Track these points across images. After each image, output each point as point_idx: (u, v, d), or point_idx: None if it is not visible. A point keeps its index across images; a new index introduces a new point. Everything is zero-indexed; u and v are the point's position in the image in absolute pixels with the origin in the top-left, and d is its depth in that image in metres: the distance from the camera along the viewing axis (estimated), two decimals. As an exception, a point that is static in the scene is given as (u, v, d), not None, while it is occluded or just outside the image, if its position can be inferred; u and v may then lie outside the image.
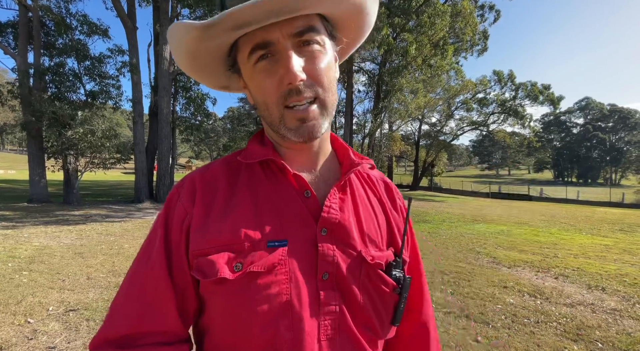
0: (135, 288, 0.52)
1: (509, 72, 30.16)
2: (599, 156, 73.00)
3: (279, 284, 0.48)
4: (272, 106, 0.50)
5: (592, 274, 4.66)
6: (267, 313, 0.47)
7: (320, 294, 0.50)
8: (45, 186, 11.67)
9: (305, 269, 0.50)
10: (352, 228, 0.54)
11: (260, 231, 0.50)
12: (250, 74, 0.51)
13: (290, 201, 0.53)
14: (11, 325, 2.69)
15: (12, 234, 6.07)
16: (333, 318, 0.50)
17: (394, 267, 0.55)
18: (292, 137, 0.50)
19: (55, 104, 10.72)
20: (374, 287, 0.53)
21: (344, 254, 0.52)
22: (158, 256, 0.51)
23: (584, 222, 10.80)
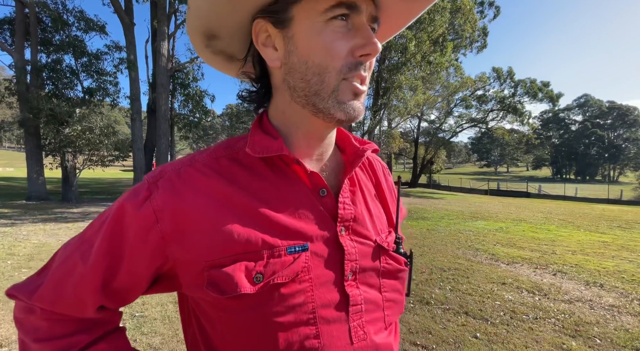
0: (62, 275, 0.47)
1: (508, 69, 30.07)
2: (598, 153, 73.20)
3: (304, 293, 0.44)
4: (332, 72, 0.44)
5: (590, 270, 4.68)
6: (292, 324, 0.43)
7: (348, 295, 0.48)
8: (43, 184, 11.64)
9: (329, 274, 0.47)
10: (365, 220, 0.53)
11: (278, 235, 0.45)
12: (318, 29, 0.43)
13: (305, 201, 0.48)
14: (10, 322, 2.69)
15: (10, 232, 6.05)
16: (360, 316, 0.49)
17: (398, 245, 0.57)
18: (337, 112, 0.45)
19: (52, 101, 10.68)
20: (394, 268, 0.55)
21: (363, 247, 0.51)
22: (98, 261, 0.45)
23: (582, 219, 10.84)
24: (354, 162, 0.53)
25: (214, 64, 0.58)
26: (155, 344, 2.46)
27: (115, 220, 0.46)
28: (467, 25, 19.54)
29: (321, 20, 0.43)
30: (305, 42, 0.44)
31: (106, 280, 0.46)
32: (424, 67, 17.23)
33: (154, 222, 0.43)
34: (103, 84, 12.34)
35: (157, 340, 2.52)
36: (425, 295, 3.53)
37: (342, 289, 0.48)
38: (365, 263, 0.51)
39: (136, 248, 0.45)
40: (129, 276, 0.46)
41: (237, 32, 0.50)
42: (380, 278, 0.53)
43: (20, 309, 0.50)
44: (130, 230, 0.45)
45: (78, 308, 0.47)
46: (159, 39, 12.63)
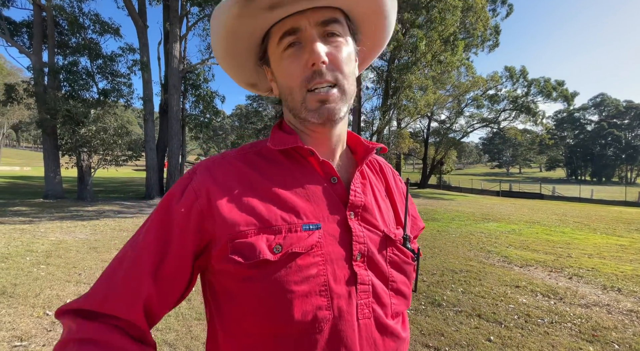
0: (114, 267, 0.50)
1: (521, 67, 29.51)
2: (614, 153, 71.08)
3: (317, 266, 0.50)
4: (296, 89, 0.54)
5: (608, 274, 4.56)
6: (307, 294, 0.48)
7: (356, 274, 0.52)
8: (60, 183, 11.95)
9: (340, 252, 0.52)
10: (374, 210, 0.58)
11: (295, 215, 0.52)
12: (279, 60, 0.55)
13: (319, 186, 0.56)
14: (30, 317, 2.77)
15: (29, 229, 6.24)
16: (368, 296, 0.53)
17: (407, 241, 0.61)
18: (312, 118, 0.54)
19: (69, 102, 10.96)
20: (401, 260, 0.59)
21: (371, 234, 0.56)
22: (148, 245, 0.49)
23: (598, 221, 10.56)
24: (365, 157, 0.61)
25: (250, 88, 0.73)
26: (170, 340, 2.50)
27: (163, 207, 0.53)
28: (479, 24, 19.25)
29: (279, 52, 0.55)
30: (277, 72, 0.57)
31: (156, 263, 0.49)
32: (434, 67, 17.04)
33: (194, 200, 0.51)
34: (117, 85, 12.61)
35: (171, 336, 2.56)
36: (436, 297, 3.49)
37: (351, 268, 0.52)
38: (374, 248, 0.55)
39: (182, 227, 0.50)
40: (176, 259, 0.50)
41: (265, 79, 0.66)
42: (388, 266, 0.57)
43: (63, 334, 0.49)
44: (176, 212, 0.51)
45: (127, 301, 0.47)
46: (171, 41, 12.84)
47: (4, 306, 2.94)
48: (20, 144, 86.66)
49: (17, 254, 4.53)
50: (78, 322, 0.47)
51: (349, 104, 0.56)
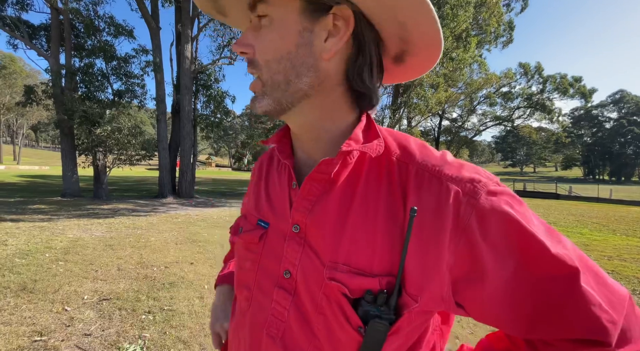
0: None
1: (536, 64, 28.81)
2: (634, 152, 68.67)
3: (252, 261, 0.53)
4: None
5: (629, 277, 4.40)
6: (241, 279, 0.57)
7: (274, 290, 0.50)
8: (77, 182, 12.28)
9: (273, 260, 0.51)
10: (325, 233, 0.44)
11: (260, 209, 0.56)
12: None
13: (281, 189, 0.54)
14: (50, 312, 2.85)
15: (48, 227, 6.43)
16: (280, 320, 0.48)
17: (372, 301, 0.40)
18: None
19: (85, 103, 11.25)
20: (334, 316, 0.42)
21: (308, 261, 0.45)
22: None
23: (617, 222, 10.21)
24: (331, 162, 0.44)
25: None
26: (184, 337, 2.53)
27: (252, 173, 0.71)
28: (492, 20, 18.85)
29: None
30: None
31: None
32: (446, 64, 16.78)
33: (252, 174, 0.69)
34: (131, 86, 12.86)
35: (185, 333, 2.59)
36: (450, 298, 3.43)
37: (276, 282, 0.50)
38: (307, 279, 0.45)
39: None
40: None
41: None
42: (317, 313, 0.44)
43: None
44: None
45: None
46: (183, 42, 13.02)
47: (24, 301, 3.03)
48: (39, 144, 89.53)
49: (37, 251, 4.67)
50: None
51: (274, 97, 0.46)
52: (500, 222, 0.39)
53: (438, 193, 0.42)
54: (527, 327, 0.41)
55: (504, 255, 0.39)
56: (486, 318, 0.42)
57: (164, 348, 2.39)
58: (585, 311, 0.38)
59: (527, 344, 0.45)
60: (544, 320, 0.39)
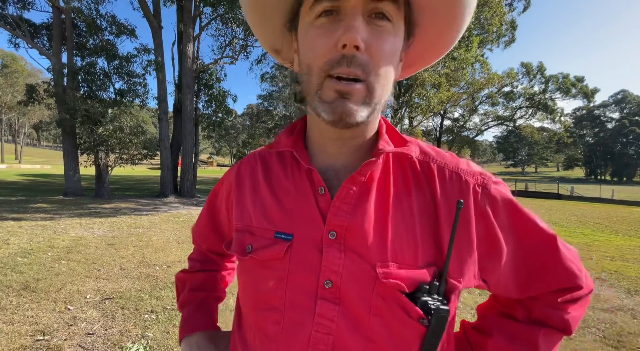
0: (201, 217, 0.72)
1: (538, 63, 28.73)
2: (636, 152, 68.41)
3: (278, 279, 0.47)
4: (315, 70, 0.43)
5: (632, 278, 4.38)
6: (263, 300, 0.49)
7: (317, 302, 0.44)
8: (79, 181, 12.31)
9: (307, 272, 0.45)
10: (368, 235, 0.45)
11: (273, 221, 0.50)
12: (306, 28, 0.44)
13: (304, 196, 0.49)
14: (52, 311, 2.85)
15: (50, 226, 6.44)
16: (327, 334, 0.44)
17: (427, 292, 0.43)
18: (323, 113, 0.43)
19: (87, 102, 11.27)
20: (392, 313, 0.43)
21: (353, 265, 0.44)
22: (206, 211, 0.70)
23: (620, 223, 10.18)
24: (369, 165, 0.47)
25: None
26: (186, 337, 2.53)
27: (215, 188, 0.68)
28: (495, 19, 18.78)
29: (309, 19, 0.44)
30: (301, 44, 0.46)
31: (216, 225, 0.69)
32: (448, 64, 16.73)
33: (228, 189, 0.61)
34: (133, 85, 12.87)
35: (187, 333, 2.59)
36: (452, 299, 3.43)
37: (314, 294, 0.45)
38: (353, 285, 0.44)
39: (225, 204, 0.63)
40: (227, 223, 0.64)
41: (290, 47, 0.54)
42: (371, 317, 0.43)
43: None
44: (220, 195, 0.65)
45: (205, 239, 0.74)
46: (185, 41, 13.02)
47: (27, 300, 3.03)
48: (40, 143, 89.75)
49: (39, 250, 4.68)
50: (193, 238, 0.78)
51: (374, 110, 0.44)
52: (506, 206, 0.49)
53: (459, 185, 0.48)
54: (523, 288, 0.51)
55: (510, 232, 0.48)
56: (498, 288, 0.51)
57: (167, 348, 2.39)
58: (563, 265, 0.50)
59: (519, 303, 0.54)
60: (535, 278, 0.50)
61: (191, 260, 0.77)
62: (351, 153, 0.51)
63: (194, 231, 0.77)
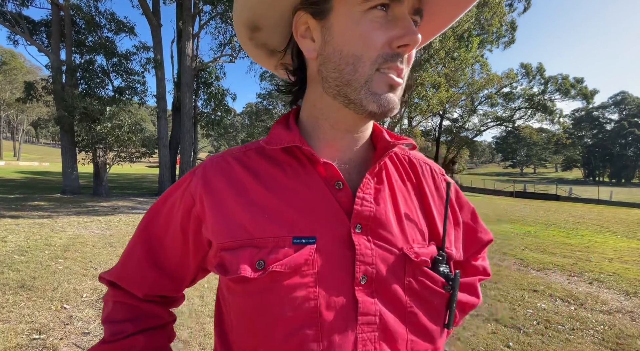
0: (130, 252, 0.56)
1: (538, 65, 28.76)
2: (635, 154, 68.65)
3: (306, 288, 0.43)
4: (366, 62, 0.43)
5: (630, 279, 4.39)
6: (291, 320, 0.42)
7: (358, 301, 0.43)
8: (77, 178, 12.26)
9: (339, 272, 0.44)
10: (390, 222, 0.48)
11: (285, 226, 0.45)
12: (357, 18, 0.43)
13: (319, 193, 0.47)
14: (48, 310, 2.83)
15: (47, 223, 6.41)
16: (372, 330, 0.43)
17: (440, 262, 0.49)
18: (369, 104, 0.44)
19: (85, 99, 11.21)
20: (423, 287, 0.47)
21: (384, 253, 0.46)
22: (140, 243, 0.55)
23: (618, 224, 10.20)
24: (382, 156, 0.50)
25: (256, 58, 0.60)
26: (183, 337, 2.51)
27: (168, 207, 0.54)
28: (495, 20, 18.78)
29: (360, 10, 0.43)
30: (342, 32, 0.44)
31: (161, 259, 0.54)
32: (447, 64, 16.74)
33: (191, 204, 0.50)
34: (132, 83, 12.82)
35: (185, 333, 2.57)
36: (451, 299, 3.42)
37: (352, 294, 0.43)
38: (386, 272, 0.45)
39: (184, 228, 0.51)
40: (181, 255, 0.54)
41: (278, 24, 0.52)
42: (407, 294, 0.46)
43: (106, 292, 0.61)
44: (178, 214, 0.52)
45: (137, 284, 0.56)
46: (184, 39, 12.96)
47: (23, 299, 3.01)
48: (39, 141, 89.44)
49: (36, 248, 4.65)
50: (111, 288, 0.58)
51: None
52: (457, 191, 0.62)
53: (432, 174, 0.60)
54: (466, 250, 0.63)
55: (460, 209, 0.62)
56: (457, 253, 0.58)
57: (164, 348, 2.37)
58: (484, 230, 0.66)
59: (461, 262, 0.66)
60: (469, 243, 0.63)
61: (113, 323, 0.54)
62: (358, 146, 0.53)
63: (116, 276, 0.56)
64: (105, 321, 0.56)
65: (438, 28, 0.54)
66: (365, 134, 0.53)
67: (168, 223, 0.53)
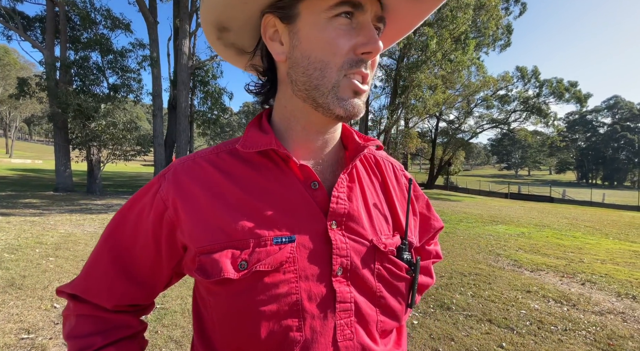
0: (95, 261, 0.54)
1: (533, 68, 29.03)
2: (627, 157, 69.63)
3: (288, 283, 0.46)
4: (333, 68, 0.45)
5: (621, 281, 4.43)
6: (275, 314, 0.45)
7: (335, 291, 0.47)
8: (70, 176, 12.12)
9: (317, 266, 0.47)
10: (361, 217, 0.52)
11: (265, 226, 0.47)
12: (322, 25, 0.45)
13: (295, 193, 0.49)
14: (38, 309, 2.79)
15: (39, 221, 6.32)
16: (349, 315, 0.48)
17: (403, 250, 0.54)
18: (336, 108, 0.46)
19: (80, 96, 11.08)
20: (390, 273, 0.52)
21: (356, 245, 0.50)
22: (106, 252, 0.53)
23: (610, 226, 10.32)
24: (354, 157, 0.53)
25: (226, 57, 0.60)
26: (176, 337, 2.48)
27: (136, 213, 0.52)
28: (491, 23, 18.93)
29: (325, 17, 0.45)
30: (309, 38, 0.46)
31: (130, 269, 0.52)
32: (444, 66, 16.82)
33: (163, 210, 0.49)
34: (127, 80, 12.69)
35: (177, 332, 2.54)
36: (445, 300, 3.42)
37: (330, 285, 0.47)
38: (359, 262, 0.50)
39: (156, 236, 0.50)
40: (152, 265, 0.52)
41: (247, 26, 0.53)
42: (376, 281, 0.51)
43: (65, 307, 0.58)
44: (148, 222, 0.50)
45: (104, 295, 0.53)
46: (181, 37, 12.88)
47: (12, 297, 2.96)
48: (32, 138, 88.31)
49: (27, 246, 4.58)
50: (74, 302, 0.55)
51: None
52: (414, 184, 0.64)
53: (394, 171, 0.64)
54: (421, 236, 0.68)
55: (417, 200, 0.67)
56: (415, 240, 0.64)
57: (155, 348, 2.34)
58: (436, 219, 0.71)
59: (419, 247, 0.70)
60: (424, 230, 0.69)
61: (79, 338, 0.51)
62: (329, 146, 0.55)
63: (79, 289, 0.54)
64: (69, 336, 0.52)
65: (399, 34, 0.57)
66: (335, 134, 0.55)
67: (137, 230, 0.52)
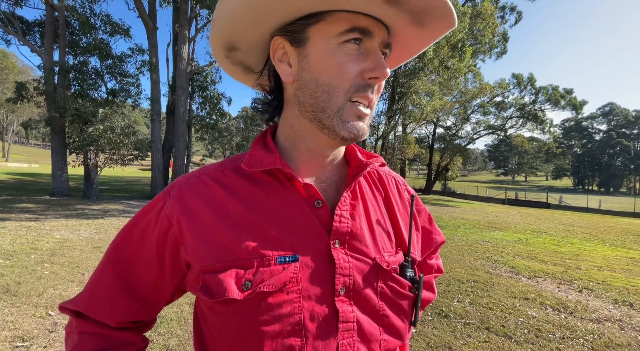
0: (98, 278, 0.54)
1: (529, 75, 29.36)
2: (623, 164, 70.24)
3: (291, 303, 0.46)
4: (340, 92, 0.47)
5: (619, 288, 4.44)
6: (277, 334, 0.45)
7: (338, 311, 0.47)
8: (66, 180, 12.04)
9: (320, 286, 0.47)
10: (364, 236, 0.52)
11: (269, 246, 0.47)
12: (332, 50, 0.46)
13: (299, 212, 0.50)
14: (33, 316, 2.75)
15: (34, 227, 6.26)
16: (351, 335, 0.48)
17: (406, 267, 0.54)
18: (341, 131, 0.47)
19: (78, 101, 11.07)
20: (394, 292, 0.52)
21: (359, 264, 0.50)
22: (110, 268, 0.53)
23: (607, 233, 10.36)
24: (357, 175, 0.54)
25: (232, 74, 0.61)
26: (171, 346, 2.46)
27: (140, 230, 0.52)
28: (487, 31, 19.17)
29: (335, 43, 0.46)
30: (318, 62, 0.47)
31: (134, 286, 0.53)
32: (441, 73, 16.98)
33: (168, 227, 0.49)
34: (126, 85, 12.71)
35: (173, 341, 2.52)
36: (443, 308, 3.41)
37: (332, 304, 0.47)
38: (362, 281, 0.49)
39: (160, 254, 0.50)
40: (155, 283, 0.52)
41: (256, 47, 0.54)
42: (379, 299, 0.51)
43: (67, 323, 0.57)
44: (152, 239, 0.50)
45: (107, 313, 0.53)
46: (180, 43, 12.95)
47: (7, 304, 2.92)
48: (29, 142, 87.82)
49: (22, 252, 4.54)
50: (76, 319, 0.55)
51: None
52: (417, 199, 0.64)
53: (397, 186, 0.65)
54: (423, 251, 0.68)
55: (419, 215, 0.67)
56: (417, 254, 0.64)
57: (151, 357, 2.32)
58: (438, 233, 0.71)
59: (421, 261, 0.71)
60: (426, 244, 0.68)
61: None
62: (333, 165, 0.56)
63: (83, 306, 0.54)
64: None
65: (404, 57, 0.59)
66: (339, 153, 0.56)
67: (141, 247, 0.52)
